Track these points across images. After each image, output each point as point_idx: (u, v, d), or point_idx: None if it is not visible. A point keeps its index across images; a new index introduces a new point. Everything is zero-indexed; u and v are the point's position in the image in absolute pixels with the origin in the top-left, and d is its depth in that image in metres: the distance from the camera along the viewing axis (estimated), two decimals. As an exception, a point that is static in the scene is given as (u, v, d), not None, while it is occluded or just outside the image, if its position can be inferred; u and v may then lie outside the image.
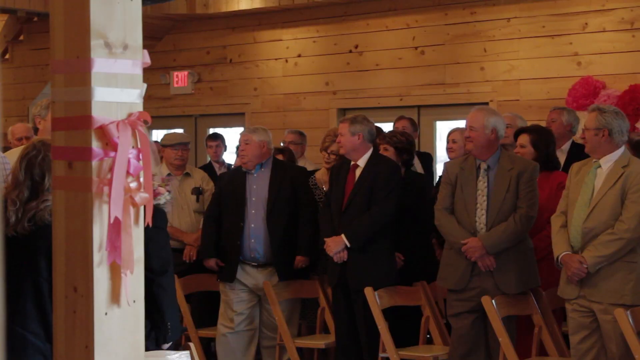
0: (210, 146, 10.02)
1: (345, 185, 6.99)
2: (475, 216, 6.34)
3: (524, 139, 6.97)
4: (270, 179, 7.25)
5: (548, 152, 6.94)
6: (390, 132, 7.81)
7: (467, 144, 6.49)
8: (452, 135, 7.64)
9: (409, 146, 7.51)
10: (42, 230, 3.71)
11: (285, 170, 7.40)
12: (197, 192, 7.97)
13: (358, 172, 6.98)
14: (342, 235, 6.82)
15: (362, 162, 6.99)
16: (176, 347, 6.79)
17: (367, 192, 6.87)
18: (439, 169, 9.72)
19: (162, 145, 8.13)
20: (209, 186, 8.04)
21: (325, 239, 6.90)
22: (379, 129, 7.85)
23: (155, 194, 6.14)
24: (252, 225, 7.17)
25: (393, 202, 6.89)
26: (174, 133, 8.65)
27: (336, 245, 6.82)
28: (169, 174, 8.00)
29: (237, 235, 7.21)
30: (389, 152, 7.34)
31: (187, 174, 8.15)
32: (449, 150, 7.69)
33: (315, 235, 7.20)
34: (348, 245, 6.80)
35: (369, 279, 6.74)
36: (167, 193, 6.29)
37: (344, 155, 7.09)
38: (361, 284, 6.70)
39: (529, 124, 7.61)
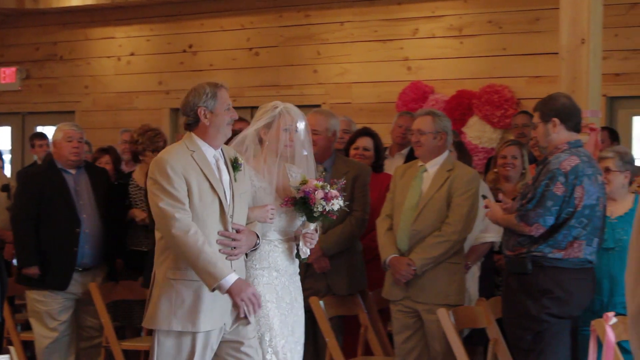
0: (41, 145, 9.66)
1: None
2: (311, 218, 6.34)
3: (367, 142, 6.98)
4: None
5: (382, 155, 7.07)
6: None
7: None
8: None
9: None
10: None
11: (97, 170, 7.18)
12: (6, 188, 7.75)
13: None
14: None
15: None
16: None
17: None
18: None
19: None
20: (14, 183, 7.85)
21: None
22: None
23: (330, 198, 5.04)
24: (87, 230, 6.88)
25: None
26: None
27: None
28: None
29: (74, 242, 6.91)
30: None
31: None
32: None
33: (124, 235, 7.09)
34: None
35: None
36: (339, 198, 5.15)
37: None
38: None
39: (360, 127, 7.68)
